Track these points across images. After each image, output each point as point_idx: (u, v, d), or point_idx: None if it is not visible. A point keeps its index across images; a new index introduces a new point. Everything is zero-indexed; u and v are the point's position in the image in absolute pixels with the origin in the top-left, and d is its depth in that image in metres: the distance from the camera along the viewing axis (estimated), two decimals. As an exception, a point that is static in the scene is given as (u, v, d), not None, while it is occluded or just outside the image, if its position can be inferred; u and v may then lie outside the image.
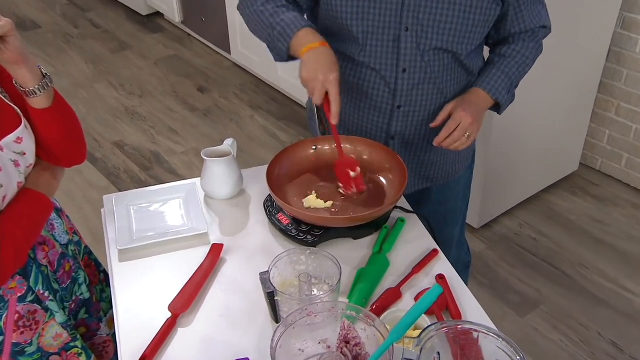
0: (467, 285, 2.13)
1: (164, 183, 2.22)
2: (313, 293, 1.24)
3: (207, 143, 3.43)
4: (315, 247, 1.39)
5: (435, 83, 1.51)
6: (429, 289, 1.22)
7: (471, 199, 2.72)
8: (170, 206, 1.54)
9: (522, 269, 2.66)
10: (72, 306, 1.43)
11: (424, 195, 1.78)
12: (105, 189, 3.17)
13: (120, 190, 3.14)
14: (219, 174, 1.52)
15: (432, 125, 1.54)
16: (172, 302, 1.28)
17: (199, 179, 1.58)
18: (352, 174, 1.45)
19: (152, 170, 3.31)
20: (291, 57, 1.46)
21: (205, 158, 1.51)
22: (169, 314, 1.25)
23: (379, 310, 1.25)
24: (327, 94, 1.37)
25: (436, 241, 1.48)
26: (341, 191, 1.48)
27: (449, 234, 1.91)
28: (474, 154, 1.84)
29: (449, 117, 1.50)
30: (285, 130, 3.58)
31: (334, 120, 1.40)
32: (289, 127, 3.60)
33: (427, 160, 1.67)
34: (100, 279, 1.56)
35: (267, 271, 1.22)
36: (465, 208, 1.96)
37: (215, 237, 1.46)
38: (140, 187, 3.08)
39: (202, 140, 3.47)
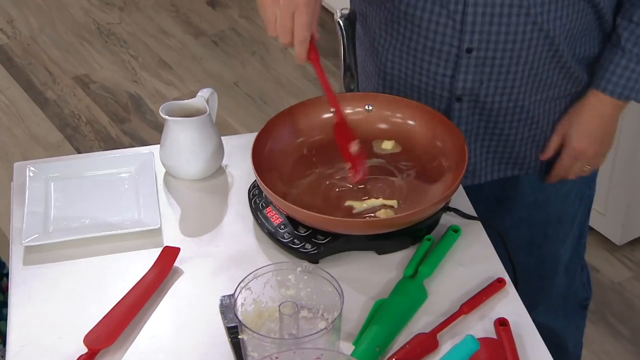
0: (582, 332, 2.14)
1: (144, 145, 2.26)
2: (302, 331, 1.26)
3: (215, 86, 3.48)
4: (317, 261, 1.41)
5: (528, 14, 1.49)
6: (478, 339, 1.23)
7: (613, 201, 2.71)
8: (112, 185, 1.58)
9: (686, 315, 2.63)
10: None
11: (510, 190, 1.79)
12: (57, 146, 3.27)
13: (80, 151, 3.24)
14: (186, 142, 1.56)
15: (543, 157, 1.67)
16: (90, 332, 1.31)
17: (159, 146, 1.62)
18: (352, 148, 1.49)
19: (129, 122, 3.39)
20: None
21: (165, 117, 1.55)
22: (85, 349, 1.29)
23: (400, 366, 1.27)
24: None
25: (512, 264, 1.48)
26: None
27: (551, 254, 1.90)
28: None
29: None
30: (335, 73, 3.57)
31: (298, 58, 1.44)
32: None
33: (513, 135, 1.67)
34: (2, 287, 1.63)
35: (233, 294, 1.24)
36: (586, 214, 1.93)
37: (171, 237, 1.49)
38: (108, 148, 3.16)
39: (206, 81, 3.52)
